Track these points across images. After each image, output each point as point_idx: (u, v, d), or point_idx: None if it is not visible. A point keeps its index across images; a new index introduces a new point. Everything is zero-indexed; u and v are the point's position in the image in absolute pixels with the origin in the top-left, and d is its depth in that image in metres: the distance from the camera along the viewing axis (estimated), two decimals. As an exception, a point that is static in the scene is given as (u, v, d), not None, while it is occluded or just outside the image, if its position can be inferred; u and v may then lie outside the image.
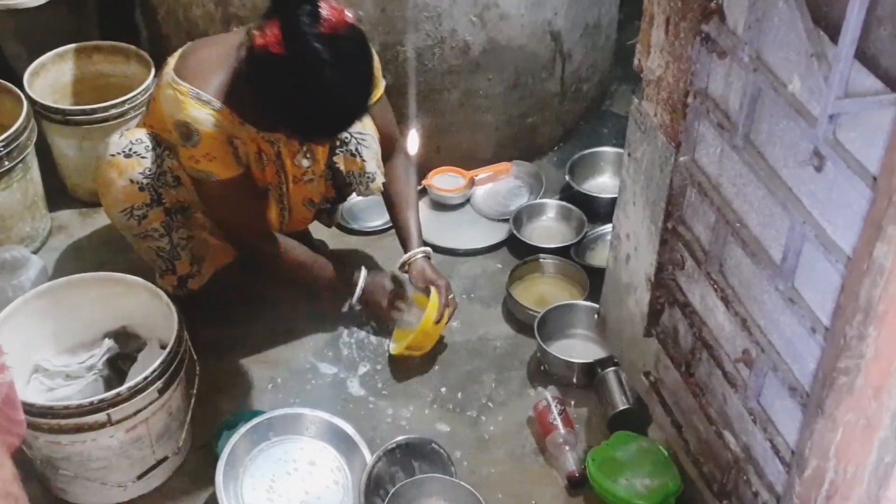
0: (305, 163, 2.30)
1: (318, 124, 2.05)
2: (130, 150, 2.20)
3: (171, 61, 2.15)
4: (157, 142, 2.21)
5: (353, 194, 2.55)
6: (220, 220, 2.29)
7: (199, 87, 2.07)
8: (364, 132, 2.35)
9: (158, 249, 2.29)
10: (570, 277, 2.62)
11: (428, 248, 2.45)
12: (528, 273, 2.63)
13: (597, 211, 2.77)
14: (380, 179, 2.38)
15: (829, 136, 1.28)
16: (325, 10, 1.94)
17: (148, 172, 2.19)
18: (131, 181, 2.19)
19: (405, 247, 2.44)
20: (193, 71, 2.09)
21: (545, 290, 2.61)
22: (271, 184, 2.30)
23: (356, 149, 2.34)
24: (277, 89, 1.98)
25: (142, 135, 2.22)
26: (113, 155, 2.21)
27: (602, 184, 2.93)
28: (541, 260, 2.64)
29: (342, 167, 2.36)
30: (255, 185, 2.26)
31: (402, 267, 2.43)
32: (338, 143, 2.35)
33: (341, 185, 2.44)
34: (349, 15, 2.00)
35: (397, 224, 2.47)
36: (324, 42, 1.92)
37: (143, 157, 2.19)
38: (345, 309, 2.42)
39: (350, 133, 2.33)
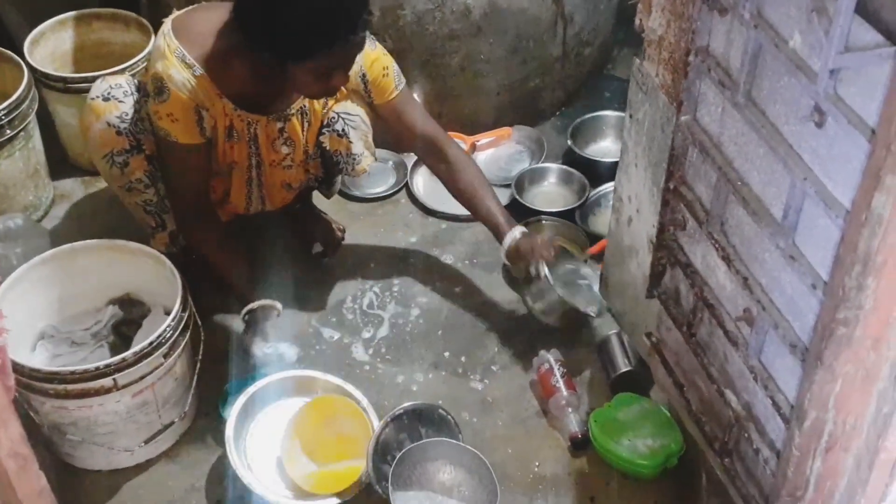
0: (285, 149, 2.29)
1: (311, 27, 1.96)
2: (109, 93, 2.21)
3: (176, 13, 2.16)
4: (137, 88, 2.22)
5: (340, 174, 2.51)
6: (166, 180, 2.26)
7: (186, 49, 2.07)
8: (352, 113, 2.32)
9: (146, 203, 2.29)
10: (569, 238, 2.62)
11: (523, 229, 2.36)
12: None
13: (599, 175, 2.77)
14: (366, 161, 2.35)
15: (829, 92, 1.28)
16: None
17: (125, 117, 2.20)
18: (108, 124, 2.19)
19: (499, 235, 2.35)
20: (188, 31, 2.10)
21: None
22: (238, 163, 2.28)
23: (343, 129, 2.31)
24: (272, 4, 1.95)
25: (122, 80, 2.23)
26: (93, 99, 2.22)
27: (604, 148, 2.93)
28: (544, 221, 2.65)
29: (328, 146, 2.33)
30: (209, 161, 2.24)
31: (507, 254, 2.35)
32: (325, 122, 2.33)
33: (329, 164, 2.42)
34: None
35: (481, 214, 2.38)
36: None
37: (120, 102, 2.20)
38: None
39: (337, 113, 2.31)
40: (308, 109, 2.27)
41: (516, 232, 2.33)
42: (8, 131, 2.51)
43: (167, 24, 2.13)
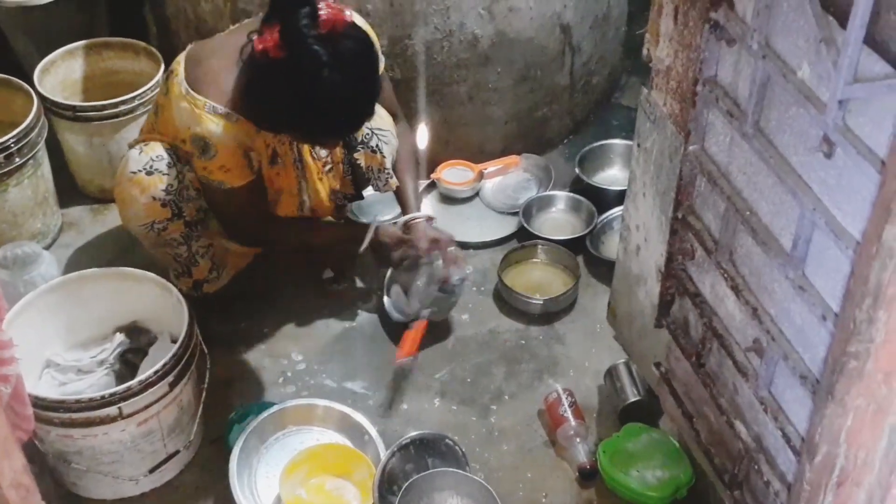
0: (323, 153, 2.32)
1: (323, 126, 2.06)
2: (152, 167, 2.19)
3: (179, 70, 2.14)
4: (178, 156, 2.21)
5: (367, 192, 2.55)
6: (223, 219, 2.29)
7: (214, 100, 2.07)
8: (384, 129, 2.36)
9: (176, 255, 2.30)
10: (563, 264, 2.64)
11: (429, 213, 2.42)
12: (523, 258, 2.67)
13: (606, 203, 2.76)
14: (395, 177, 2.41)
15: (838, 122, 1.27)
16: (324, 11, 1.94)
17: (170, 189, 2.20)
18: (154, 198, 2.19)
19: (404, 211, 2.43)
20: (206, 82, 2.09)
21: (537, 275, 2.64)
22: (285, 188, 2.30)
23: (377, 145, 2.36)
24: (280, 93, 1.99)
25: (161, 150, 2.21)
26: (134, 172, 2.20)
27: (612, 176, 2.92)
28: (539, 246, 2.67)
29: (363, 163, 2.37)
30: (262, 188, 2.26)
31: (402, 229, 2.40)
32: (359, 139, 2.35)
33: (359, 181, 2.45)
34: (348, 14, 2.01)
35: (395, 190, 2.45)
36: (323, 43, 1.93)
37: (164, 174, 2.19)
38: (362, 248, 2.37)
39: (371, 129, 2.33)
40: None
41: (420, 215, 2.40)
42: (17, 159, 2.52)
43: (181, 84, 2.10)
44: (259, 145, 2.17)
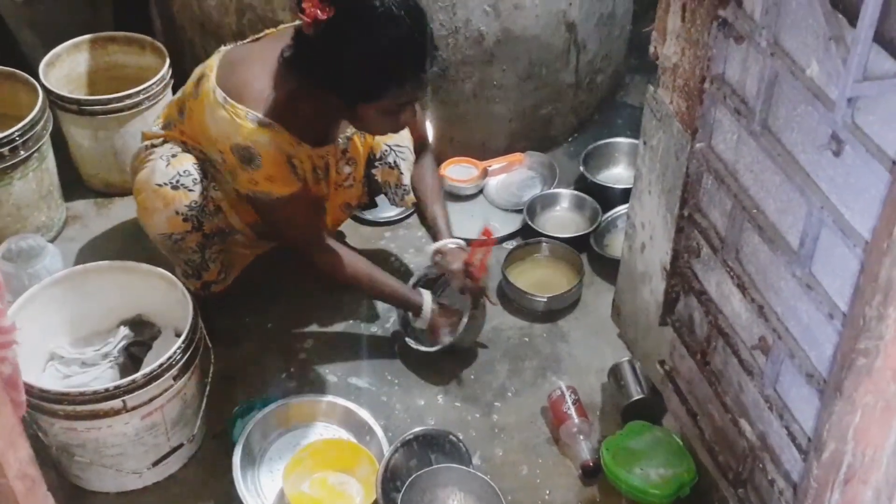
0: (347, 169, 2.32)
1: (392, 74, 1.97)
2: (178, 181, 2.17)
3: (212, 76, 2.11)
4: (204, 173, 2.20)
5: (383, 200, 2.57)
6: (281, 233, 2.27)
7: (256, 111, 2.05)
8: (402, 144, 2.37)
9: (188, 260, 2.30)
10: (568, 263, 2.63)
11: (461, 241, 2.38)
12: (527, 256, 2.67)
13: (611, 201, 2.76)
14: (412, 192, 2.41)
15: (847, 120, 1.28)
16: None
17: (194, 206, 2.18)
18: (177, 213, 2.18)
19: (436, 238, 2.39)
20: (246, 91, 2.06)
21: (541, 273, 2.64)
22: (325, 196, 2.31)
23: (394, 161, 2.36)
24: (343, 49, 1.94)
25: (189, 165, 2.18)
26: (159, 185, 2.17)
27: (616, 174, 2.92)
28: (543, 243, 2.67)
29: (380, 178, 2.38)
30: (312, 198, 2.25)
31: (435, 255, 2.37)
32: (377, 155, 2.37)
33: (375, 192, 2.47)
34: None
35: (426, 217, 2.43)
36: None
37: (190, 190, 2.17)
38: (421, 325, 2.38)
39: (389, 146, 2.35)
40: None
41: (450, 242, 2.37)
42: (22, 152, 2.52)
43: (215, 91, 2.07)
44: (301, 156, 2.15)
